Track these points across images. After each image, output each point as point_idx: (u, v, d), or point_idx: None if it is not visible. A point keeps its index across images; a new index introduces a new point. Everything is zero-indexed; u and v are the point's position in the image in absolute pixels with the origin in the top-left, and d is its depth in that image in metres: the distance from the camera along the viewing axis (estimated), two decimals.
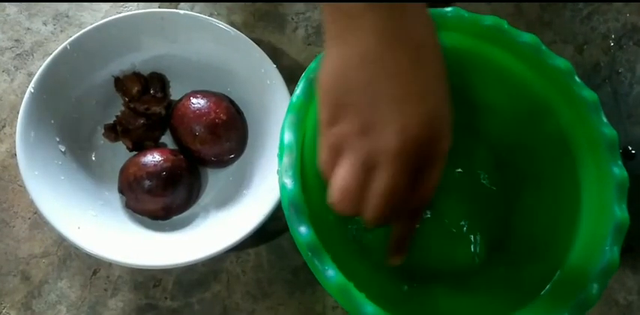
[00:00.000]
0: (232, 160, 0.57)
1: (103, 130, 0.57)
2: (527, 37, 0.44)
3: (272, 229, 0.56)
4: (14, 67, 0.62)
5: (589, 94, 0.42)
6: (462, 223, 0.52)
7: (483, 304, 0.44)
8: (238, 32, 0.54)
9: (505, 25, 0.44)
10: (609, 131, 0.42)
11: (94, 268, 0.55)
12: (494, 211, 0.52)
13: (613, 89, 0.60)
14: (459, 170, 0.53)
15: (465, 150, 0.53)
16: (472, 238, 0.51)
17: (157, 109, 0.56)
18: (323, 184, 0.46)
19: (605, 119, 0.42)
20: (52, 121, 0.53)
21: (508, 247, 0.49)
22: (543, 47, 0.44)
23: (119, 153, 0.57)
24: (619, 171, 0.41)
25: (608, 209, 0.40)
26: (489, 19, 0.44)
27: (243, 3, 0.64)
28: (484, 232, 0.51)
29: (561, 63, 0.43)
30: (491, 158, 0.53)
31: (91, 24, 0.54)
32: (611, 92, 0.60)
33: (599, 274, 0.38)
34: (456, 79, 0.49)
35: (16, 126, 0.51)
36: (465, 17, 0.44)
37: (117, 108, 0.57)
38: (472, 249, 0.51)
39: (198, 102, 0.54)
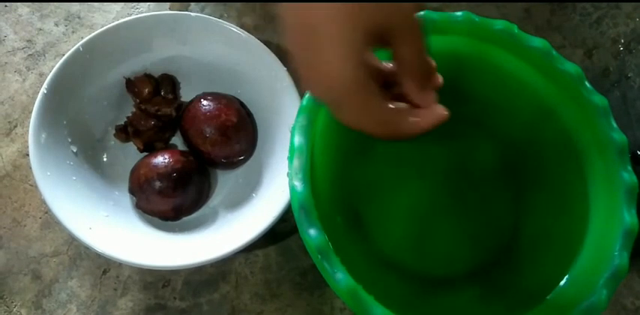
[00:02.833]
0: (242, 162, 0.57)
1: (114, 131, 0.57)
2: (538, 42, 0.44)
3: (281, 230, 0.56)
4: (26, 67, 0.62)
5: (599, 99, 0.43)
6: (469, 224, 0.52)
7: (491, 307, 0.44)
8: (249, 35, 0.54)
9: (515, 29, 0.44)
10: (619, 136, 0.42)
11: (103, 267, 0.56)
12: (501, 213, 0.52)
13: (622, 94, 0.60)
14: (468, 171, 0.53)
15: (475, 152, 0.53)
16: (479, 240, 0.51)
17: (168, 110, 0.56)
18: (333, 186, 0.46)
19: (614, 124, 0.42)
20: (64, 122, 0.53)
21: (515, 250, 0.49)
22: (554, 52, 0.44)
23: (130, 154, 0.57)
24: (628, 176, 0.41)
25: (617, 214, 0.40)
26: (500, 24, 0.44)
27: (252, 6, 0.64)
28: (491, 233, 0.51)
29: (571, 68, 0.43)
30: (500, 160, 0.53)
31: (103, 25, 0.55)
32: (621, 97, 0.60)
33: (608, 279, 0.38)
34: (465, 82, 0.49)
35: (27, 126, 0.52)
36: (475, 21, 0.44)
37: (128, 109, 0.58)
38: (479, 250, 0.51)
39: (208, 104, 0.55)
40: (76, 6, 0.65)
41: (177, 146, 0.59)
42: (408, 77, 0.35)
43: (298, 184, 0.38)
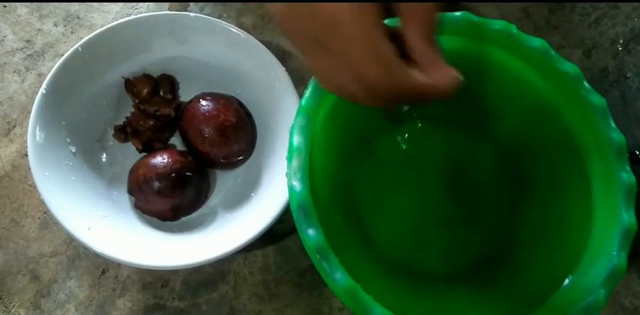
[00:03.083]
0: (241, 162, 0.57)
1: (113, 131, 0.57)
2: (537, 42, 0.44)
3: (280, 230, 0.56)
4: (25, 67, 0.62)
5: (597, 99, 0.43)
6: (469, 223, 0.52)
7: (491, 307, 0.44)
8: (248, 35, 0.54)
9: (514, 29, 0.44)
10: (617, 136, 0.42)
11: (102, 268, 0.56)
12: (500, 212, 0.52)
13: (621, 94, 0.60)
14: (466, 171, 0.54)
15: (473, 151, 0.53)
16: (478, 239, 0.51)
17: (167, 110, 0.56)
18: (331, 186, 0.46)
19: (613, 124, 0.42)
20: (63, 122, 0.53)
21: (514, 249, 0.50)
22: (552, 52, 0.44)
23: (129, 154, 0.57)
24: (627, 176, 0.41)
25: (615, 214, 0.40)
26: (499, 24, 0.44)
27: (251, 6, 0.64)
28: (490, 233, 0.51)
29: (570, 68, 0.43)
30: (500, 160, 0.53)
31: (102, 25, 0.55)
32: (619, 97, 0.60)
33: (606, 279, 0.38)
34: (464, 82, 0.49)
35: (26, 126, 0.52)
36: (474, 22, 0.44)
37: (127, 109, 0.58)
38: (478, 250, 0.51)
39: (207, 104, 0.54)
40: (75, 6, 0.65)
41: (176, 146, 0.58)
42: (414, 24, 0.31)
43: (297, 184, 0.38)
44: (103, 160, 0.57)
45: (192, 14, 0.54)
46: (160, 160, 0.53)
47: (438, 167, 0.54)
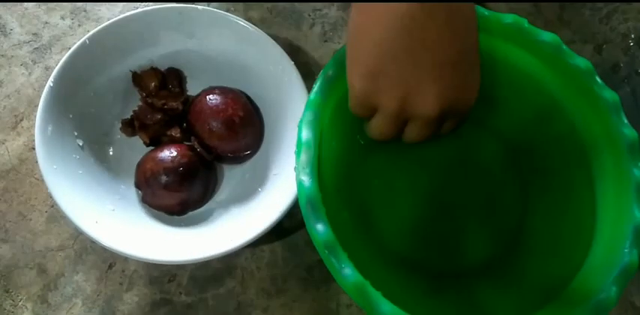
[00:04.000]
0: (248, 157, 0.57)
1: (120, 125, 0.57)
2: (548, 36, 0.43)
3: (287, 225, 0.56)
4: (32, 61, 0.62)
5: (609, 95, 0.42)
6: (477, 220, 0.52)
7: (500, 304, 0.44)
8: (256, 28, 0.54)
9: (525, 23, 0.44)
10: (629, 132, 0.41)
11: (109, 262, 0.56)
12: (509, 209, 0.51)
13: (632, 89, 0.60)
14: (474, 167, 0.53)
15: (480, 146, 0.53)
16: (487, 236, 0.51)
17: (174, 104, 0.56)
18: (340, 181, 0.46)
19: (625, 120, 0.42)
20: (71, 116, 0.53)
21: (524, 247, 0.49)
22: (564, 46, 0.43)
23: (136, 148, 0.57)
24: (639, 172, 0.40)
25: (627, 211, 0.40)
26: (510, 18, 0.44)
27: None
28: (498, 230, 0.51)
29: (582, 63, 0.43)
30: (508, 156, 0.52)
31: (109, 18, 0.55)
32: (631, 92, 0.60)
33: (618, 276, 0.38)
34: None
35: (33, 119, 0.52)
36: (485, 16, 0.44)
37: (134, 103, 0.57)
38: (487, 247, 0.51)
39: (215, 98, 0.54)
40: None
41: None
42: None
43: (306, 179, 0.38)
44: (111, 153, 0.57)
45: (200, 7, 0.54)
46: (168, 154, 0.53)
47: (446, 164, 0.53)
